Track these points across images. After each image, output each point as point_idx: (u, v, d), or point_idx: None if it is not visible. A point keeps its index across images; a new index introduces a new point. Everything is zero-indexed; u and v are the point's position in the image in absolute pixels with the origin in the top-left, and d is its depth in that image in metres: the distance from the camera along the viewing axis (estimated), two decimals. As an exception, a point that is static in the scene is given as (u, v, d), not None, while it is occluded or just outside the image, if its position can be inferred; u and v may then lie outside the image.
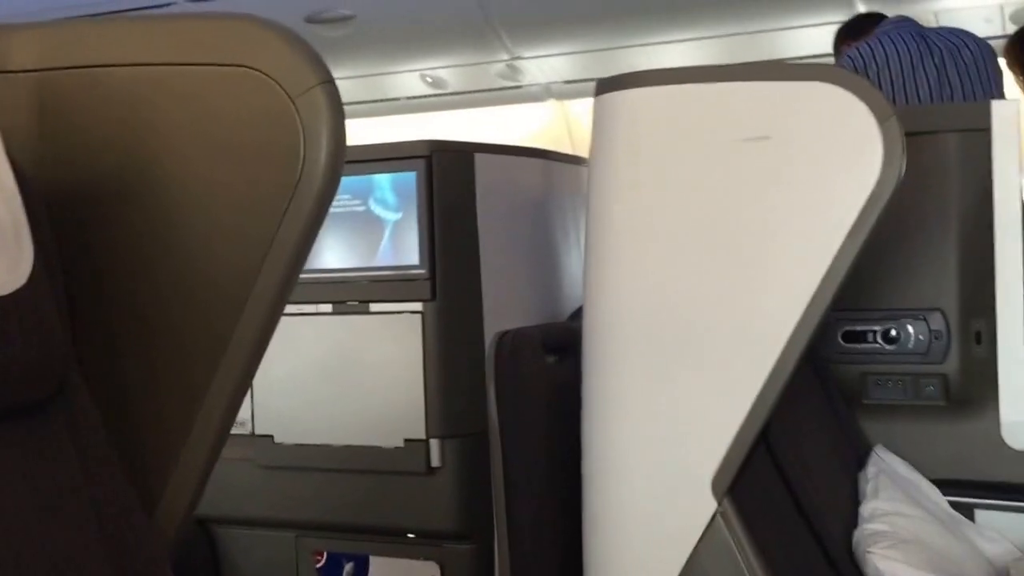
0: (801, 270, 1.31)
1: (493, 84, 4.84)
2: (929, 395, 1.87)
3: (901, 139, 1.26)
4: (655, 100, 1.43)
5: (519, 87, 4.91)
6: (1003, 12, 3.88)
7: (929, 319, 1.86)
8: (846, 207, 1.29)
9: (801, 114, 1.33)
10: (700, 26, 4.20)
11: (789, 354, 1.32)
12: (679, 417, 1.39)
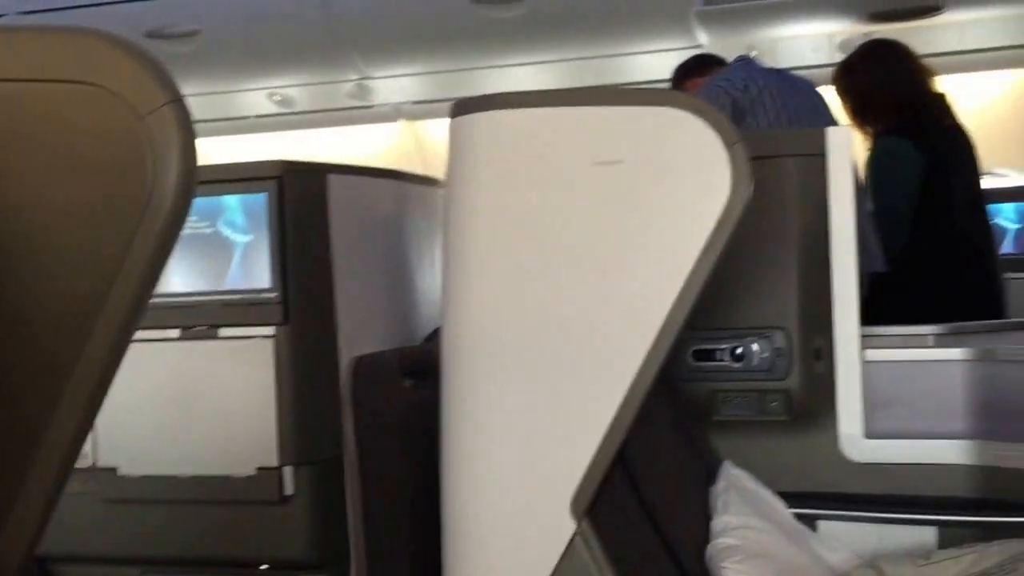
0: (655, 291, 1.34)
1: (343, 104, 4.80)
2: (773, 411, 1.94)
3: (748, 163, 1.30)
4: (511, 122, 1.44)
5: (369, 107, 4.88)
6: (831, 42, 4.09)
7: (773, 337, 1.93)
8: (697, 229, 1.32)
9: (653, 139, 1.36)
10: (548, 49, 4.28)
11: (645, 374, 1.35)
12: (537, 439, 1.39)
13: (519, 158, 1.42)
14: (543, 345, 1.39)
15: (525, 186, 1.41)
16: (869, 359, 1.92)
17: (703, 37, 3.82)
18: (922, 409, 1.93)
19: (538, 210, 1.41)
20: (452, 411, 1.46)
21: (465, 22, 3.96)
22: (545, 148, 1.41)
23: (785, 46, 4.00)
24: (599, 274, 1.38)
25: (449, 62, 4.35)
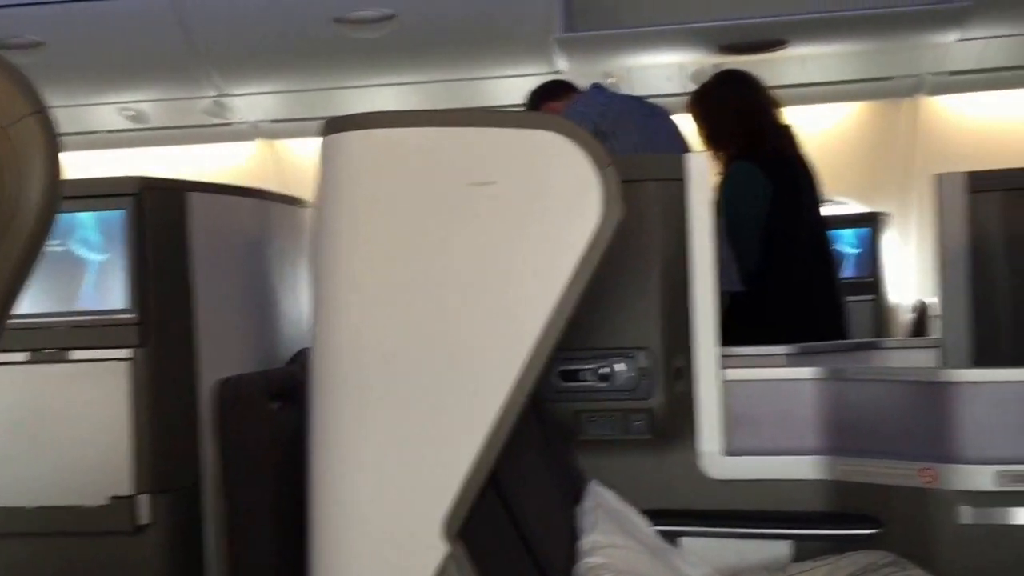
0: (527, 313, 1.35)
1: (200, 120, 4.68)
2: (637, 430, 1.98)
3: (619, 187, 1.33)
4: (383, 142, 1.43)
5: (227, 124, 4.77)
6: (683, 72, 4.23)
7: (637, 357, 1.97)
8: (569, 251, 1.34)
9: (526, 161, 1.37)
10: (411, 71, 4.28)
11: (516, 396, 1.35)
12: (409, 461, 1.38)
13: (391, 178, 1.41)
14: (414, 367, 1.38)
15: (397, 207, 1.40)
16: (727, 378, 1.98)
17: (562, 63, 3.88)
18: (776, 426, 2.00)
19: (410, 231, 1.40)
20: (320, 434, 1.43)
21: (327, 41, 3.92)
22: (418, 168, 1.40)
23: (641, 74, 4.11)
24: (471, 296, 1.38)
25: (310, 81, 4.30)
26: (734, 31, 3.79)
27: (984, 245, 2.33)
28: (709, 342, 1.97)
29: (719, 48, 3.91)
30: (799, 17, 3.74)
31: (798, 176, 3.11)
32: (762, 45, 3.86)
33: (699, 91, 3.22)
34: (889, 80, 4.51)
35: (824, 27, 3.82)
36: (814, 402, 2.00)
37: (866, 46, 4.08)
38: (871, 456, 1.92)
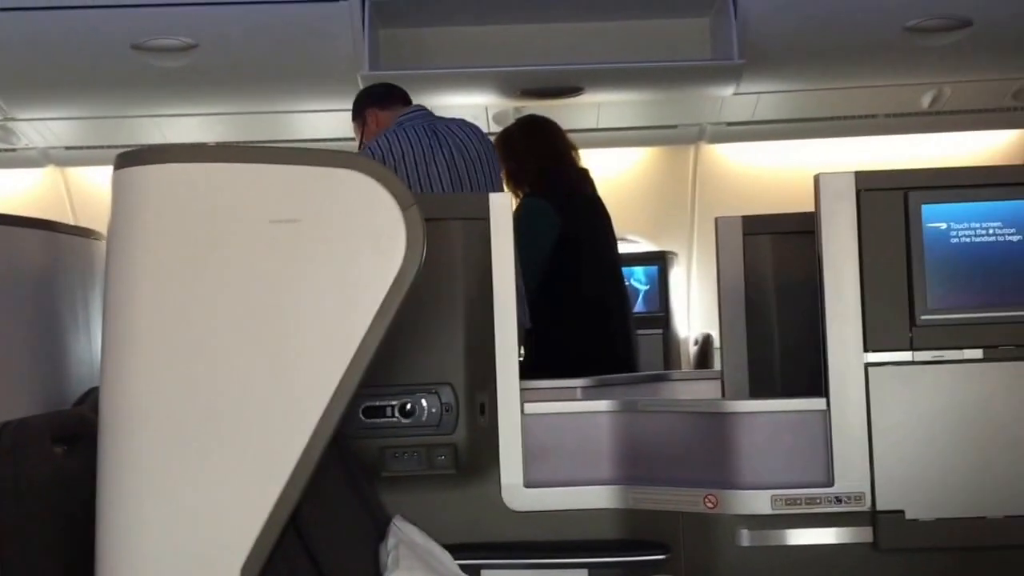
0: (330, 353, 1.35)
1: (-19, 145, 4.42)
2: (441, 464, 2.01)
3: (422, 226, 1.36)
4: (180, 177, 1.40)
5: (13, 150, 4.51)
6: (487, 113, 4.35)
7: (441, 393, 2.00)
8: (373, 290, 1.36)
9: (329, 199, 1.38)
10: (215, 102, 4.19)
11: (319, 437, 1.35)
12: (206, 505, 1.35)
13: (188, 214, 1.38)
14: (211, 409, 1.36)
15: (195, 243, 1.38)
16: (528, 412, 2.04)
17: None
18: (574, 458, 2.08)
19: (209, 269, 1.38)
20: (110, 480, 1.38)
21: (125, 68, 3.78)
22: (217, 205, 1.38)
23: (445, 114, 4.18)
24: (272, 335, 1.37)
25: (107, 108, 4.13)
26: (534, 76, 3.93)
27: (758, 284, 2.49)
28: (511, 377, 2.03)
29: (520, 92, 4.04)
30: (594, 66, 3.91)
31: (592, 215, 3.27)
32: (561, 91, 4.02)
33: (504, 133, 3.39)
34: (674, 128, 4.78)
35: (617, 76, 4.02)
36: (609, 433, 2.08)
37: (654, 96, 4.32)
38: (661, 484, 2.02)
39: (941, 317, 1.94)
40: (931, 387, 1.94)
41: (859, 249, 1.96)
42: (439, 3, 3.73)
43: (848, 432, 1.94)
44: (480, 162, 2.86)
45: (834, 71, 4.23)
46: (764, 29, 3.84)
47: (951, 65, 4.18)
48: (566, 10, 3.85)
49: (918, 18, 3.86)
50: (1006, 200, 1.95)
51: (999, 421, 1.93)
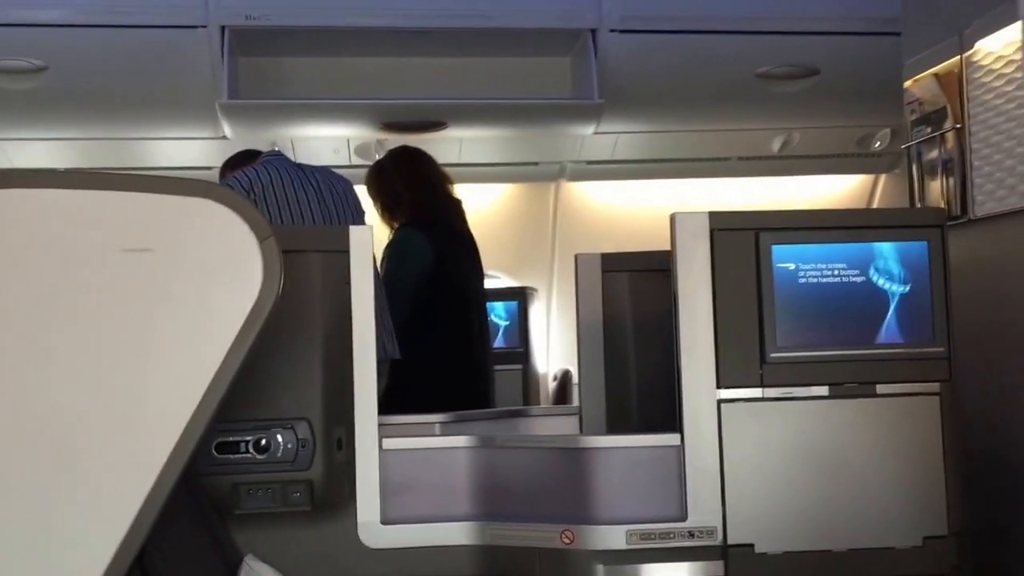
0: (182, 387, 1.31)
1: None
2: (296, 501, 1.96)
3: (280, 257, 1.33)
4: (26, 203, 1.35)
5: None
6: (349, 145, 4.31)
7: (297, 428, 1.96)
8: (228, 322, 1.32)
9: (184, 229, 1.34)
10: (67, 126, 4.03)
11: (167, 476, 1.30)
12: (48, 547, 1.28)
13: (35, 242, 1.33)
14: (58, 444, 1.30)
15: (42, 273, 1.32)
16: (386, 448, 2.02)
17: (228, 129, 3.82)
18: (432, 494, 2.06)
19: (55, 297, 1.33)
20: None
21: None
22: (66, 232, 1.33)
23: (306, 145, 4.15)
24: (121, 369, 1.32)
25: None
26: (397, 110, 3.93)
27: (616, 320, 2.53)
28: (369, 412, 2.00)
29: (382, 125, 4.03)
30: (457, 101, 3.94)
31: (463, 249, 3.28)
32: (423, 125, 4.03)
33: (375, 167, 3.37)
34: (536, 165, 4.84)
35: (480, 112, 4.05)
36: (467, 469, 2.07)
37: (517, 132, 4.37)
38: (520, 520, 2.02)
39: (789, 355, 2.01)
40: (780, 423, 2.01)
41: (712, 288, 2.01)
42: (301, 33, 3.69)
43: (701, 467, 1.98)
44: (346, 200, 2.85)
45: (690, 114, 4.37)
46: (623, 71, 3.94)
47: (800, 111, 4.37)
48: (429, 45, 3.87)
49: (769, 65, 4.04)
50: (850, 242, 2.04)
51: (844, 456, 2.01)
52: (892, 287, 2.04)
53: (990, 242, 2.77)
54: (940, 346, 2.05)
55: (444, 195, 3.30)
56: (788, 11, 3.94)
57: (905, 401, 2.03)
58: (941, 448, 2.03)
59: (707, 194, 5.04)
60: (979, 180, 2.83)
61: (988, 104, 2.80)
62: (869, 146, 4.81)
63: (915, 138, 3.15)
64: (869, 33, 3.97)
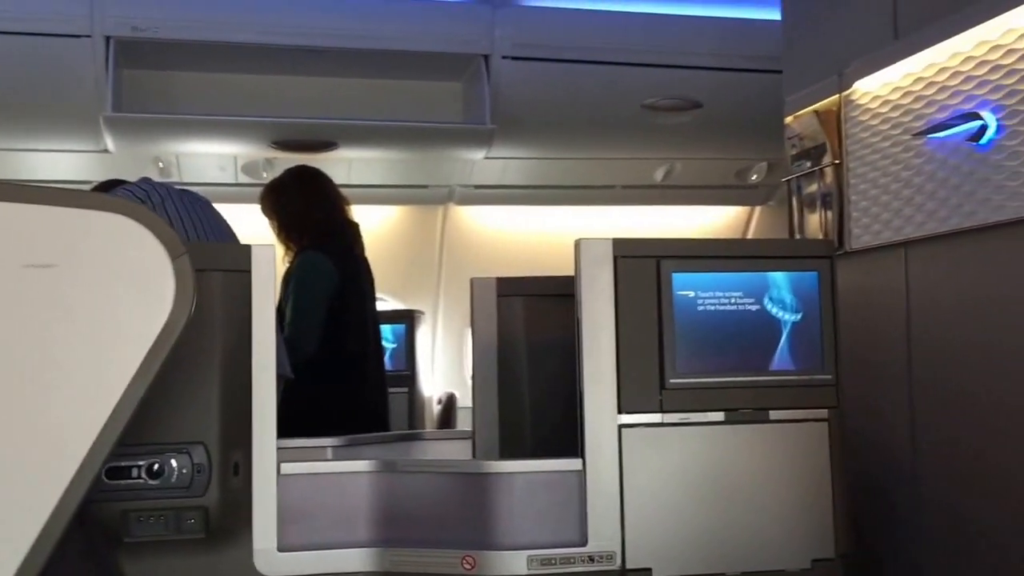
0: (86, 410, 1.26)
1: None
2: (190, 528, 1.89)
3: (193, 276, 1.29)
4: (-84, 213, 1.27)
5: None
6: (236, 163, 4.23)
7: (192, 452, 1.89)
8: (136, 343, 1.28)
9: (92, 244, 1.29)
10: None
11: (67, 503, 1.25)
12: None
13: (-74, 254, 1.25)
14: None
15: (-68, 285, 1.24)
16: (284, 472, 1.97)
17: (111, 143, 3.70)
18: (331, 520, 2.01)
19: (-54, 313, 1.25)
20: None
21: None
22: (-39, 245, 1.26)
23: (192, 161, 4.05)
24: (21, 389, 1.25)
25: None
26: (288, 128, 3.87)
27: (511, 345, 2.54)
28: (268, 436, 1.95)
29: (272, 143, 3.96)
30: (349, 122, 3.91)
31: (360, 271, 3.25)
32: (314, 145, 3.98)
33: (276, 183, 3.29)
34: (425, 188, 4.85)
35: (371, 134, 4.03)
36: (367, 494, 2.04)
37: (408, 155, 4.36)
38: (419, 546, 2.00)
39: (688, 381, 2.05)
40: (678, 448, 2.04)
41: (615, 314, 2.04)
42: (190, 47, 3.61)
43: (602, 492, 2.00)
44: (220, 225, 2.76)
45: (578, 142, 4.44)
46: (515, 97, 3.99)
47: (682, 143, 4.50)
48: (322, 65, 3.84)
49: (655, 97, 4.14)
50: (746, 271, 2.10)
51: (738, 481, 2.06)
52: (785, 316, 2.11)
53: (864, 274, 2.90)
54: (828, 373, 2.12)
55: (345, 217, 3.27)
56: (674, 45, 4.06)
57: (796, 427, 2.10)
58: (829, 473, 2.10)
59: (591, 221, 5.13)
60: (855, 214, 2.96)
61: (865, 142, 2.93)
62: (747, 178, 4.99)
63: (795, 172, 3.28)
64: (750, 70, 4.12)
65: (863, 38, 2.99)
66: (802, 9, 3.33)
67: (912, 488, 2.70)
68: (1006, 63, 2.39)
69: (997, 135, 2.43)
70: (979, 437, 2.48)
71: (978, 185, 2.48)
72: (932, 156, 2.64)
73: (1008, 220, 2.38)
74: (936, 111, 2.63)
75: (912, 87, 2.72)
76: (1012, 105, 2.37)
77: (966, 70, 2.52)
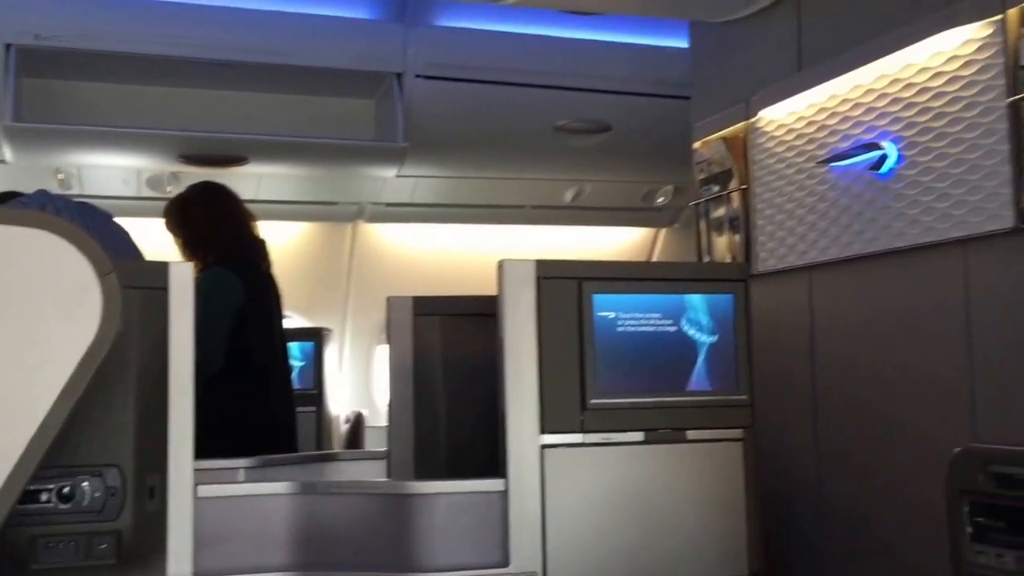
0: (9, 431, 1.21)
1: None
2: (101, 554, 1.83)
3: (120, 294, 1.26)
4: None
5: None
6: (139, 176, 4.13)
7: (106, 475, 1.84)
8: (61, 363, 1.24)
9: (16, 261, 1.25)
10: None
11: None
12: None
13: None
14: None
15: None
16: (202, 495, 1.92)
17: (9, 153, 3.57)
18: (248, 544, 1.98)
19: None
20: None
21: None
22: None
23: (94, 174, 3.94)
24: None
25: None
26: (197, 142, 3.80)
27: (426, 364, 2.54)
28: (184, 457, 1.90)
29: (179, 157, 3.88)
30: (259, 137, 3.86)
31: (268, 287, 3.20)
32: (224, 159, 3.91)
33: (182, 198, 3.22)
34: (335, 205, 4.81)
35: (282, 150, 3.99)
36: (286, 517, 2.01)
37: (320, 171, 4.32)
38: (340, 569, 1.98)
39: (608, 401, 2.08)
40: (599, 468, 2.07)
41: (538, 334, 2.06)
42: (95, 57, 3.51)
43: (524, 512, 2.01)
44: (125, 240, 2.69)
45: (490, 161, 4.47)
46: (428, 116, 3.99)
47: (592, 165, 4.56)
48: (233, 79, 3.78)
49: (566, 119, 4.20)
50: (664, 294, 2.14)
51: (656, 500, 2.09)
52: (701, 337, 2.16)
53: (770, 296, 2.99)
54: (743, 394, 2.18)
55: (251, 233, 3.22)
56: (587, 69, 4.12)
57: (712, 446, 2.15)
58: (743, 491, 2.15)
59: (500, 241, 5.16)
60: (762, 238, 3.04)
61: (771, 168, 3.02)
62: (653, 201, 5.08)
63: (703, 196, 3.35)
64: (659, 95, 4.20)
65: (769, 68, 3.08)
66: (710, 38, 3.41)
67: (816, 500, 2.78)
68: (905, 96, 2.49)
69: (897, 165, 2.53)
70: (877, 449, 2.57)
71: (879, 213, 2.57)
72: (835, 184, 2.74)
73: (907, 247, 2.48)
74: (839, 140, 2.72)
75: (816, 116, 2.81)
76: (911, 136, 2.47)
77: (867, 102, 2.62)
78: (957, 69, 2.31)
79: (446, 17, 4.03)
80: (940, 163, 2.38)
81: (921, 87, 2.43)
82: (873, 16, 2.63)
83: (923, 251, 2.43)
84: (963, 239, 2.30)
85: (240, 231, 3.17)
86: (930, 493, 1.97)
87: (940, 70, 2.36)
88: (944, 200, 2.36)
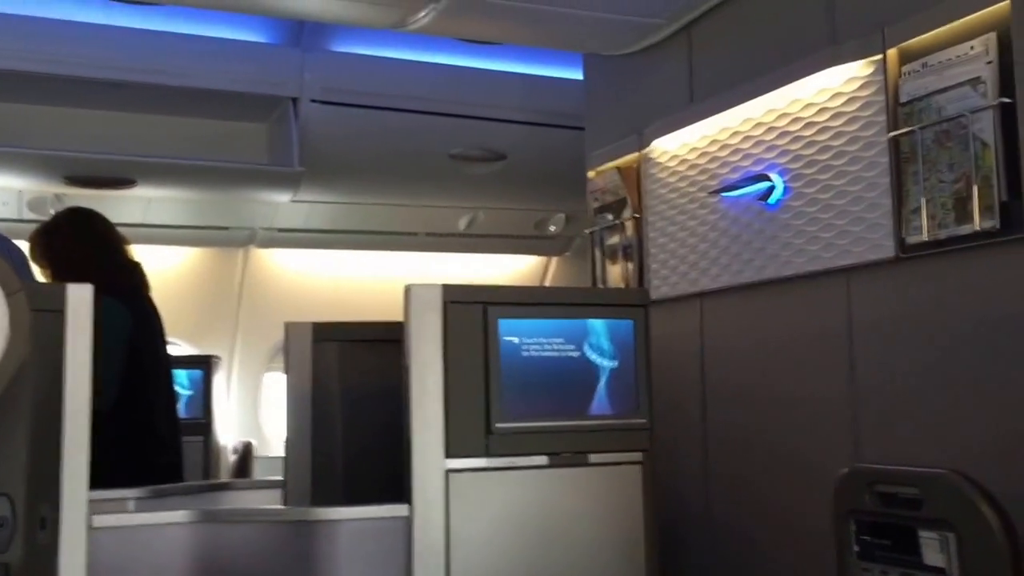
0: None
1: None
2: (-13, 589, 1.76)
3: (29, 315, 1.23)
4: None
5: None
6: (21, 198, 3.99)
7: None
8: (-38, 386, 1.19)
9: (-86, 281, 1.20)
10: None
11: None
12: None
13: None
14: None
15: None
16: (97, 525, 1.86)
17: None
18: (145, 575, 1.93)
19: None
20: None
21: None
22: None
23: (-28, 195, 3.79)
24: None
25: None
26: (82, 164, 3.69)
27: (324, 390, 2.52)
28: (78, 487, 1.84)
29: (64, 179, 3.76)
30: (148, 159, 3.77)
31: (150, 314, 3.10)
32: (111, 181, 3.81)
33: (49, 225, 3.08)
34: (226, 230, 4.72)
35: (172, 173, 3.90)
36: (184, 547, 1.97)
37: (211, 195, 4.25)
38: (241, 598, 1.94)
39: (513, 425, 2.10)
40: (503, 492, 2.09)
41: (444, 359, 2.07)
42: (-29, 74, 3.39)
43: (428, 537, 2.01)
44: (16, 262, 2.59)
45: (385, 188, 4.46)
46: (323, 141, 3.97)
47: (487, 193, 4.60)
48: (121, 99, 3.69)
49: (461, 147, 4.23)
50: (566, 319, 2.18)
51: (560, 524, 2.12)
52: (603, 362, 2.20)
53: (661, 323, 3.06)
54: (643, 417, 2.23)
55: (126, 259, 3.10)
56: (482, 98, 4.17)
57: (612, 470, 2.18)
58: (642, 514, 2.19)
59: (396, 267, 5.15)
60: (655, 266, 3.12)
61: (663, 197, 3.10)
62: (545, 229, 5.15)
63: (597, 224, 3.42)
64: (553, 125, 4.28)
65: (661, 100, 3.17)
66: (604, 70, 3.49)
67: (707, 524, 2.84)
68: (792, 129, 2.60)
69: (784, 196, 2.63)
70: (764, 473, 2.65)
71: (767, 242, 2.66)
72: (726, 214, 2.83)
73: (794, 275, 2.57)
74: (729, 171, 2.82)
75: (708, 148, 2.91)
76: (797, 168, 2.58)
77: (756, 134, 2.72)
78: (841, 105, 2.42)
79: (343, 43, 4.02)
80: (825, 194, 2.48)
81: (807, 121, 2.54)
82: (762, 52, 2.74)
83: (808, 279, 2.53)
84: (846, 268, 2.40)
85: (116, 257, 3.05)
86: (816, 515, 2.05)
87: (825, 105, 2.48)
88: (828, 230, 2.46)
